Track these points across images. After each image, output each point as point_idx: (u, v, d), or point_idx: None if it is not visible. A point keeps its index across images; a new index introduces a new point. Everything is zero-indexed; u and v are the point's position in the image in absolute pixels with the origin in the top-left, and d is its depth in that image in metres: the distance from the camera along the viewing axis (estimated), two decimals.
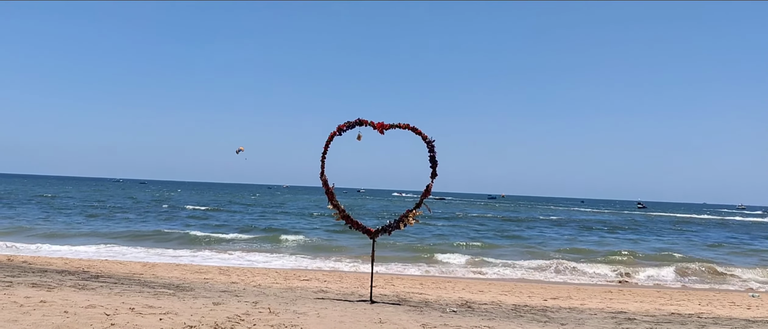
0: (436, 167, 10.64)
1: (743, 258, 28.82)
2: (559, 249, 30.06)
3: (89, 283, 10.87)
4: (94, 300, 8.44)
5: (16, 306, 7.46)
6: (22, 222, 33.19)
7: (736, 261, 26.99)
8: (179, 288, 11.45)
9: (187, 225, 36.52)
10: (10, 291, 8.80)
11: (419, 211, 10.76)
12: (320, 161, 11.17)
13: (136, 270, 15.47)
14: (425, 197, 10.70)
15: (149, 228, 33.39)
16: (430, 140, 10.59)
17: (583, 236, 40.13)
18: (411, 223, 10.73)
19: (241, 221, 41.38)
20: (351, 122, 10.89)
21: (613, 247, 31.68)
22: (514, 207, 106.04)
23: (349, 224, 11.18)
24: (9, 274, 11.41)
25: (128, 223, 36.36)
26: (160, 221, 38.58)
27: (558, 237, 37.74)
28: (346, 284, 14.99)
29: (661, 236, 42.03)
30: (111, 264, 16.95)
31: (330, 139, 11.09)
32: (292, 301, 10.17)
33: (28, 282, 10.20)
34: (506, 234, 39.05)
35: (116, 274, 13.69)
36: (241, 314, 8.09)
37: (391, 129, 10.76)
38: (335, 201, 11.18)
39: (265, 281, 14.64)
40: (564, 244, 32.91)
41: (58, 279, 11.12)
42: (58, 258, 18.14)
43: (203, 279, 14.25)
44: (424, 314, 9.55)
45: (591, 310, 11.92)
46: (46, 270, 13.27)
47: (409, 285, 15.39)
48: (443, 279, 18.23)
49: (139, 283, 11.78)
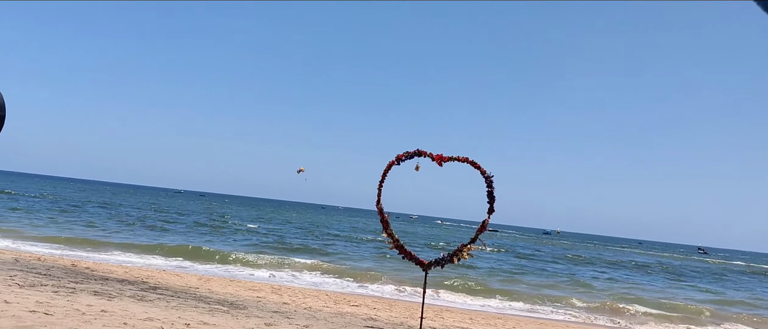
0: (494, 202, 10.58)
1: None
2: (619, 294, 29.27)
3: (147, 294, 11.19)
4: (152, 312, 8.68)
5: (78, 313, 7.74)
6: (89, 230, 34.43)
7: None
8: (233, 305, 11.66)
9: (241, 241, 37.17)
10: (73, 297, 9.14)
11: (474, 246, 10.69)
12: (377, 189, 11.27)
13: (192, 284, 15.82)
14: (481, 233, 10.62)
15: (205, 241, 34.12)
16: (488, 175, 10.54)
17: (645, 279, 39.00)
18: (465, 258, 10.66)
19: (295, 240, 41.83)
20: (410, 152, 10.95)
21: (679, 294, 30.66)
22: (571, 245, 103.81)
23: (402, 254, 11.18)
24: (73, 280, 11.85)
25: (184, 235, 37.25)
26: (216, 235, 39.37)
27: (620, 280, 36.77)
28: (396, 313, 14.96)
29: (739, 285, 40.56)
30: (168, 276, 17.38)
31: (388, 168, 11.17)
32: (342, 328, 10.23)
33: (91, 289, 10.58)
34: (565, 272, 38.26)
35: (173, 287, 14.04)
36: None
37: (450, 162, 10.78)
38: (390, 230, 11.22)
39: (315, 303, 14.76)
40: (623, 288, 32.03)
41: (119, 288, 11.48)
42: (119, 266, 18.72)
43: (256, 297, 14.46)
44: None
45: None
46: (107, 278, 13.72)
47: (459, 319, 15.25)
48: (494, 316, 17.99)
49: (194, 297, 12.05)
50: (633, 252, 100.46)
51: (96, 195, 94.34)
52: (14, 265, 13.16)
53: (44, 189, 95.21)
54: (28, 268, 12.93)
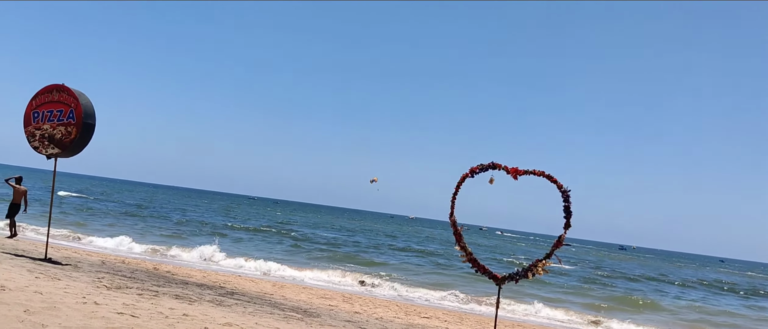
0: (570, 218, 10.38)
1: None
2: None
3: (225, 300, 11.52)
4: (231, 317, 8.93)
5: (162, 316, 8.05)
6: (165, 233, 35.73)
7: None
8: (306, 313, 11.85)
9: (312, 249, 37.73)
10: (156, 300, 9.51)
11: (550, 261, 10.51)
12: (450, 202, 11.25)
13: (266, 290, 16.18)
14: (557, 248, 10.44)
15: (276, 248, 34.84)
16: (565, 189, 10.36)
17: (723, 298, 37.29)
18: (540, 273, 10.50)
19: (363, 249, 42.14)
20: (484, 164, 10.90)
21: None
22: (652, 261, 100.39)
23: (475, 267, 11.12)
24: (155, 283, 12.33)
25: (258, 242, 38.16)
26: (286, 243, 40.13)
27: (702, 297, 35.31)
28: (467, 327, 14.86)
29: None
30: (244, 282, 17.83)
31: (462, 180, 11.15)
32: None
33: (172, 293, 10.97)
34: (640, 288, 37.05)
35: (249, 292, 14.39)
36: None
37: (525, 175, 10.65)
38: (463, 243, 11.18)
39: (386, 314, 14.82)
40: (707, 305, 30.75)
41: (198, 293, 11.86)
42: (198, 271, 19.34)
43: (328, 305, 14.66)
44: None
45: None
46: (187, 282, 14.20)
47: None
48: None
49: (269, 304, 12.32)
50: (718, 270, 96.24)
51: (168, 198, 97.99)
52: (101, 267, 13.81)
53: (121, 192, 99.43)
54: (114, 271, 13.54)
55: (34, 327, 6.16)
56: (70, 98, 12.06)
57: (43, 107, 12.34)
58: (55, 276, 10.16)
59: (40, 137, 12.31)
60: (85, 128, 12.11)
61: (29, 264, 11.52)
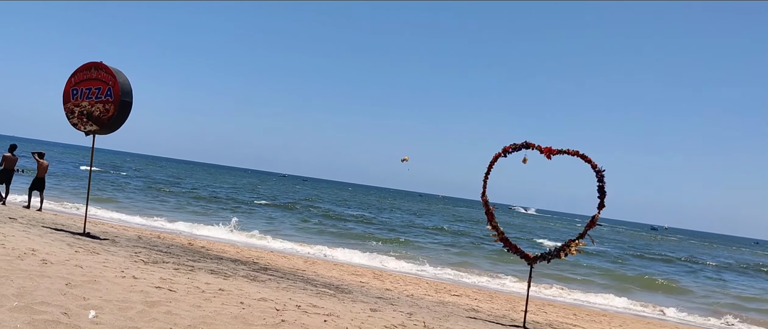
0: (605, 198, 10.29)
1: None
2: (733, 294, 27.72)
3: (259, 275, 11.69)
4: (265, 293, 9.07)
5: (198, 291, 8.20)
6: (197, 208, 36.28)
7: None
8: (339, 289, 11.98)
9: (339, 227, 38.00)
10: (192, 275, 9.68)
11: (583, 242, 10.45)
12: (483, 181, 11.23)
13: (298, 266, 16.37)
14: (590, 228, 10.37)
15: (304, 225, 35.17)
16: (600, 169, 10.26)
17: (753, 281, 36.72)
18: (573, 253, 10.45)
19: (395, 227, 42.31)
20: (517, 144, 10.84)
21: None
22: (684, 242, 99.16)
23: (507, 247, 11.11)
24: (191, 258, 12.54)
25: (285, 217, 38.56)
26: (313, 220, 40.45)
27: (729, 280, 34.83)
28: (497, 305, 14.87)
29: None
30: (277, 258, 18.06)
31: (494, 160, 11.11)
32: (445, 317, 10.29)
33: (207, 268, 11.16)
34: (675, 271, 36.66)
35: (282, 268, 14.58)
36: (398, 324, 8.33)
37: (559, 155, 10.57)
38: (494, 222, 11.17)
39: (417, 291, 14.91)
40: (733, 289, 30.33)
41: (232, 268, 12.05)
42: (231, 247, 19.62)
43: (359, 282, 14.78)
44: None
45: None
46: (222, 257, 14.43)
47: (563, 315, 14.95)
48: (598, 313, 17.50)
49: (302, 280, 12.47)
50: (754, 253, 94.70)
51: (198, 175, 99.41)
52: (138, 242, 14.09)
53: (151, 168, 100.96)
54: (150, 245, 13.81)
55: (76, 300, 6.33)
56: (108, 75, 12.24)
57: (81, 85, 12.54)
58: (94, 250, 10.40)
59: (79, 114, 12.53)
60: (123, 106, 12.29)
61: (69, 238, 11.81)
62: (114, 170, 74.82)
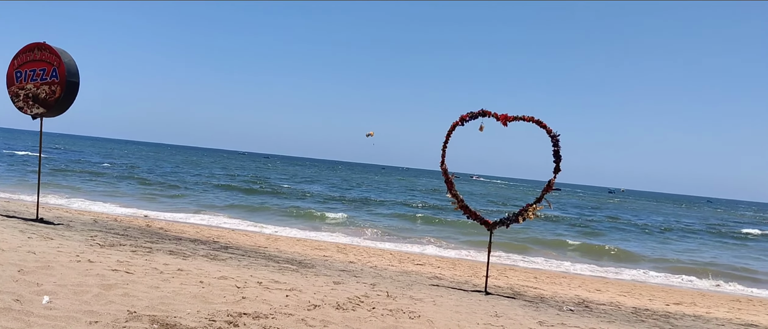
0: (560, 162, 10.43)
1: None
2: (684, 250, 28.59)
3: (219, 254, 11.58)
4: (225, 271, 8.99)
5: (156, 272, 8.08)
6: (153, 190, 35.71)
7: None
8: (301, 264, 11.95)
9: (302, 200, 37.88)
10: (150, 257, 9.54)
11: (540, 205, 10.60)
12: (441, 151, 11.26)
13: (260, 243, 16.28)
14: (547, 192, 10.52)
15: (265, 202, 34.95)
16: (554, 134, 10.38)
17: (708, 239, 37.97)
18: (531, 217, 10.59)
19: (356, 200, 42.37)
20: (474, 112, 10.88)
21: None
22: (639, 203, 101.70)
23: (466, 214, 11.21)
24: (149, 240, 12.35)
25: (244, 194, 38.24)
26: (276, 195, 40.22)
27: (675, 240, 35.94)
28: (460, 272, 15.04)
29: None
30: (237, 236, 17.92)
31: (452, 129, 11.14)
32: (408, 286, 10.37)
33: (166, 249, 11.00)
34: (624, 230, 37.62)
35: (243, 246, 14.47)
36: (361, 296, 8.36)
37: (515, 121, 10.65)
38: (454, 191, 11.25)
39: (380, 262, 14.98)
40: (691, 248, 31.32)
41: (192, 248, 11.91)
42: (190, 226, 19.39)
43: (322, 256, 14.78)
44: (541, 311, 9.44)
45: (718, 320, 11.31)
46: (181, 238, 14.24)
47: (523, 278, 15.21)
48: (558, 274, 17.86)
49: (264, 256, 12.41)
50: (705, 209, 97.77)
51: (152, 156, 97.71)
52: (93, 226, 13.80)
53: (108, 152, 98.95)
54: (106, 228, 13.55)
55: (29, 286, 6.17)
56: (52, 56, 11.84)
57: (25, 66, 12.12)
58: (48, 236, 10.15)
59: (25, 97, 12.13)
60: (70, 87, 11.93)
61: (21, 224, 11.49)
62: (54, 151, 72.95)
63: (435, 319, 7.28)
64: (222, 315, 6.06)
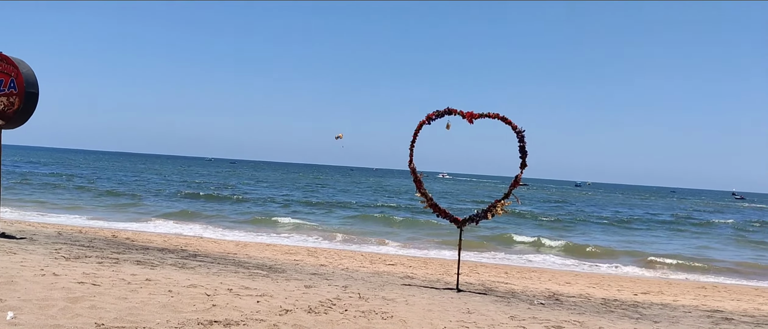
0: (526, 157, 10.54)
1: None
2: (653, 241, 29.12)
3: (188, 262, 11.44)
4: (195, 279, 8.89)
5: (124, 283, 7.95)
6: (122, 200, 35.14)
7: None
8: (272, 269, 11.87)
9: (270, 205, 37.65)
10: (117, 267, 9.38)
11: (508, 201, 10.69)
12: (409, 150, 11.28)
13: (229, 250, 16.13)
14: (514, 188, 10.62)
15: (232, 208, 34.66)
16: (520, 130, 10.49)
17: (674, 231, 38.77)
18: (499, 213, 10.68)
19: (329, 202, 42.25)
20: (440, 111, 10.93)
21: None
22: (603, 196, 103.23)
23: (436, 212, 11.25)
24: (115, 251, 12.15)
25: (213, 202, 37.88)
26: (242, 202, 39.91)
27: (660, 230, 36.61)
28: (431, 270, 15.10)
29: None
30: (206, 243, 17.73)
31: (419, 127, 11.17)
32: (380, 287, 10.37)
33: (133, 259, 10.84)
34: (592, 223, 38.18)
35: (212, 253, 14.32)
36: (333, 298, 8.33)
37: (481, 119, 10.73)
38: (423, 189, 11.28)
39: (352, 264, 14.95)
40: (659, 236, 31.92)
41: (160, 257, 11.75)
42: (157, 235, 19.13)
43: (293, 260, 14.70)
44: (512, 305, 9.53)
45: (685, 307, 11.54)
46: (148, 247, 14.04)
47: (494, 274, 15.33)
48: (528, 269, 18.05)
49: (234, 263, 12.29)
50: (669, 201, 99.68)
51: (116, 165, 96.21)
52: (58, 238, 13.52)
53: (69, 162, 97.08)
54: (71, 241, 13.28)
55: None
56: (10, 66, 11.57)
57: None
58: (11, 250, 9.91)
59: None
60: (28, 98, 11.66)
61: None
62: (22, 165, 71.37)
63: (408, 319, 7.30)
64: (192, 323, 5.99)
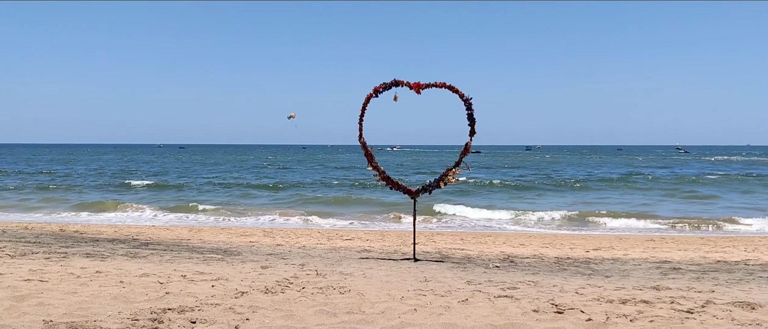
0: (474, 125, 10.60)
1: None
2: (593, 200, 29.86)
3: (140, 251, 11.22)
4: (147, 268, 8.72)
5: (73, 277, 7.75)
6: (69, 193, 34.19)
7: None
8: (227, 252, 11.74)
9: (222, 188, 37.18)
10: (66, 262, 9.13)
11: (459, 170, 10.77)
12: (358, 124, 11.23)
13: (183, 236, 15.87)
14: (464, 156, 10.69)
15: (184, 193, 34.12)
16: (467, 98, 10.53)
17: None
18: (451, 181, 10.76)
19: (281, 182, 41.94)
20: (387, 83, 10.89)
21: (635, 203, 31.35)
22: (553, 158, 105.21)
23: (389, 185, 11.27)
24: (63, 245, 11.82)
25: (165, 189, 37.22)
26: (196, 186, 39.31)
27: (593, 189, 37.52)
28: (388, 242, 15.17)
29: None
30: (158, 230, 17.41)
31: (366, 101, 11.12)
32: (338, 262, 10.36)
33: (82, 252, 10.57)
34: (545, 186, 38.91)
35: (165, 240, 14.08)
36: (290, 277, 8.29)
37: (428, 88, 10.73)
38: (374, 163, 11.27)
39: (309, 242, 14.91)
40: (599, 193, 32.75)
41: (110, 248, 11.49)
42: (108, 226, 18.70)
43: (249, 242, 14.56)
44: (468, 270, 9.64)
45: (635, 261, 11.88)
46: (98, 239, 13.71)
47: (450, 241, 15.50)
48: (484, 234, 18.31)
49: (188, 249, 12.11)
50: (612, 160, 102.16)
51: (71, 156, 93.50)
52: (2, 236, 13.08)
53: (26, 159, 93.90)
54: (16, 238, 12.87)
55: None
56: None
57: None
58: None
59: None
60: None
61: None
62: None
63: (365, 291, 7.31)
64: (145, 313, 5.87)
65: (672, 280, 8.89)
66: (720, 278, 9.22)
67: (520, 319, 5.93)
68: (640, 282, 8.62)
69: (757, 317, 6.10)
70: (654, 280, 8.85)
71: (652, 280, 8.85)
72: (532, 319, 5.95)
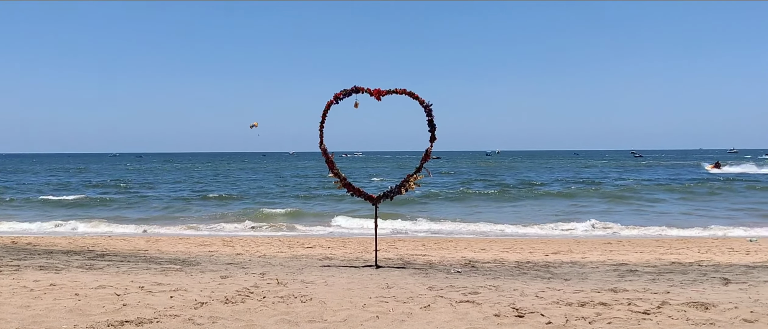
0: (435, 130, 10.67)
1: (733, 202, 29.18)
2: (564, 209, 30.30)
3: (96, 262, 10.96)
4: (103, 280, 8.52)
5: (26, 290, 7.54)
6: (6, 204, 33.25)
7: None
8: (186, 262, 11.55)
9: (185, 198, 36.64)
10: (18, 275, 8.88)
11: (420, 175, 10.81)
12: (319, 131, 11.19)
13: (140, 246, 15.57)
14: (425, 161, 10.74)
15: (140, 203, 33.52)
16: (427, 104, 10.59)
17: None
18: (412, 188, 10.79)
19: (241, 190, 41.51)
20: (348, 89, 10.89)
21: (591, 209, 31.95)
22: (515, 164, 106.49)
23: (350, 191, 11.25)
24: (15, 257, 11.48)
25: (119, 203, 36.51)
26: (157, 196, 38.66)
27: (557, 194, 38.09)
28: (350, 249, 15.13)
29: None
30: (115, 241, 17.04)
31: (327, 108, 11.09)
32: (299, 270, 10.29)
33: (36, 265, 10.28)
34: (506, 192, 39.35)
35: (121, 251, 13.79)
36: (250, 287, 8.19)
37: (388, 95, 10.76)
38: (336, 170, 11.24)
39: (269, 250, 14.77)
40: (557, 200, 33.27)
41: (65, 260, 11.20)
42: (62, 238, 18.23)
43: (208, 252, 14.36)
44: (430, 276, 9.68)
45: (592, 263, 12.08)
46: (52, 251, 13.36)
47: (412, 247, 15.54)
48: (445, 240, 18.41)
49: (145, 260, 11.88)
50: (569, 165, 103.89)
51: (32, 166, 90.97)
52: None
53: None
54: None
55: None
56: None
57: None
58: None
59: None
60: None
61: None
62: None
63: (327, 299, 7.27)
64: (102, 325, 5.74)
65: (629, 282, 9.07)
66: (675, 279, 9.44)
67: (481, 324, 5.98)
68: (598, 284, 8.77)
69: (710, 317, 6.26)
70: (612, 282, 9.02)
71: (610, 282, 9.02)
72: (494, 323, 6.00)
